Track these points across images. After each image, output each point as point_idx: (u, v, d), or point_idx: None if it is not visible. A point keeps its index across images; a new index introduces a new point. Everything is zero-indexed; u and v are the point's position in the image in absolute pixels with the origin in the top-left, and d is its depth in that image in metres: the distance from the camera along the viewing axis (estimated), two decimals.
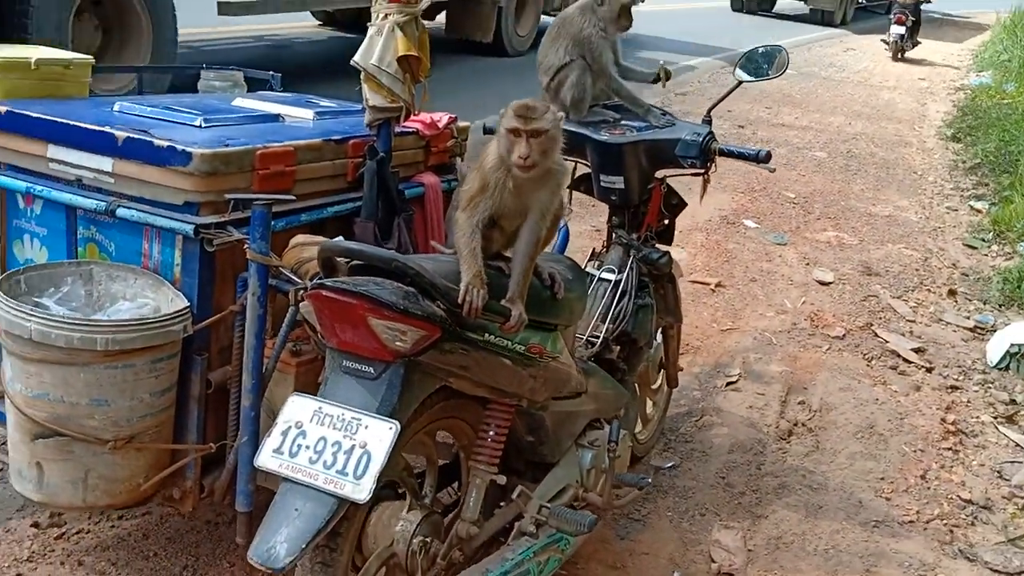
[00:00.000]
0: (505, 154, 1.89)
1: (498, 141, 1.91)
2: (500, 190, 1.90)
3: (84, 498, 2.03)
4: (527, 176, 1.90)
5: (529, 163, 1.88)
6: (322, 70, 8.04)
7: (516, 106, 1.90)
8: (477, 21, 10.20)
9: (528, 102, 1.90)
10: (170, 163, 2.03)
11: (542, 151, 1.89)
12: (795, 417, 3.61)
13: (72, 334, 1.90)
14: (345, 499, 1.72)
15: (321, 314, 1.81)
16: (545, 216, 1.96)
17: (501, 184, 1.90)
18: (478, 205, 1.91)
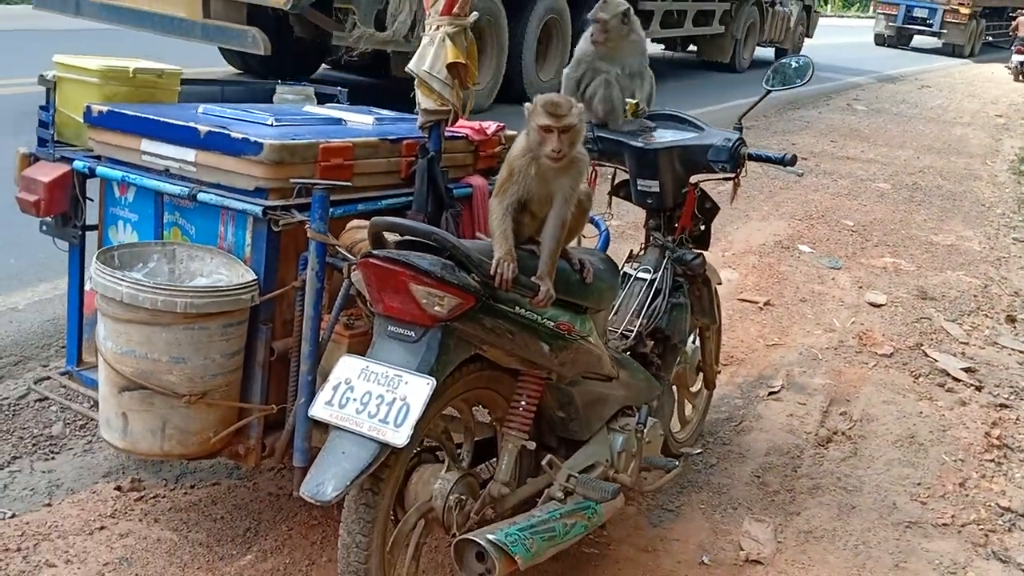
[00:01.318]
0: (536, 147, 2.12)
1: (527, 134, 2.14)
2: (525, 177, 2.12)
3: (161, 446, 2.29)
4: (557, 167, 2.12)
5: (560, 155, 2.11)
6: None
7: (546, 103, 2.11)
8: (720, 49, 14.63)
9: (555, 98, 2.12)
10: (244, 153, 2.30)
11: (570, 143, 2.12)
12: (835, 426, 3.71)
13: (156, 297, 2.17)
14: (386, 444, 1.94)
15: (369, 282, 2.04)
16: (569, 200, 2.17)
17: (525, 171, 2.12)
18: (507, 191, 2.13)
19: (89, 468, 3.03)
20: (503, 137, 3.05)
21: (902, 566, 2.87)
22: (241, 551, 2.67)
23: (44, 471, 3.00)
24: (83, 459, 3.08)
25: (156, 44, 6.96)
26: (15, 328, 3.79)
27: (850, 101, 13.69)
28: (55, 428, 3.23)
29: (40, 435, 3.18)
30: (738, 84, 12.83)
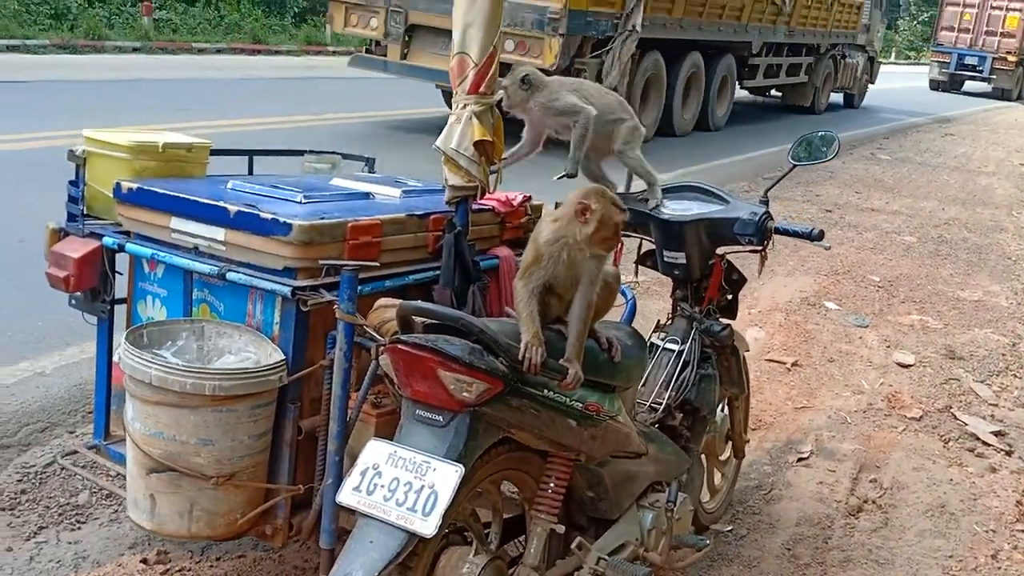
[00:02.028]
0: (606, 240, 2.13)
1: (562, 220, 2.13)
2: (555, 262, 2.12)
3: (189, 528, 2.28)
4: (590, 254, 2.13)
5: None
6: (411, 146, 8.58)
7: (614, 202, 2.15)
8: (802, 94, 17.10)
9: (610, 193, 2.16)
10: (273, 233, 2.32)
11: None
12: (865, 494, 3.65)
13: (185, 380, 2.18)
14: (414, 533, 1.92)
15: (397, 366, 2.04)
16: (595, 282, 2.17)
17: (556, 257, 2.12)
18: (533, 274, 2.13)
19: (115, 539, 3.03)
20: (529, 208, 3.06)
21: None
22: None
23: (70, 542, 3.00)
24: (109, 529, 3.08)
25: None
26: (42, 393, 3.81)
27: (874, 151, 13.69)
28: (81, 497, 3.23)
29: (66, 504, 3.19)
30: (817, 123, 14.29)
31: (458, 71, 2.54)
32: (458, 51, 2.50)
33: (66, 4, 16.94)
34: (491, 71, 2.53)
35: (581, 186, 2.21)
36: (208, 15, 19.30)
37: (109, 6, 17.78)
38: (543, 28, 8.97)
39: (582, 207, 2.10)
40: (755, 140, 12.46)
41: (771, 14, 13.29)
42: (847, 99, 19.55)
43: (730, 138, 12.89)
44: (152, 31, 17.07)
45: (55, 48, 15.01)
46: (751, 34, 13.05)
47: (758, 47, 13.72)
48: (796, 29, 14.47)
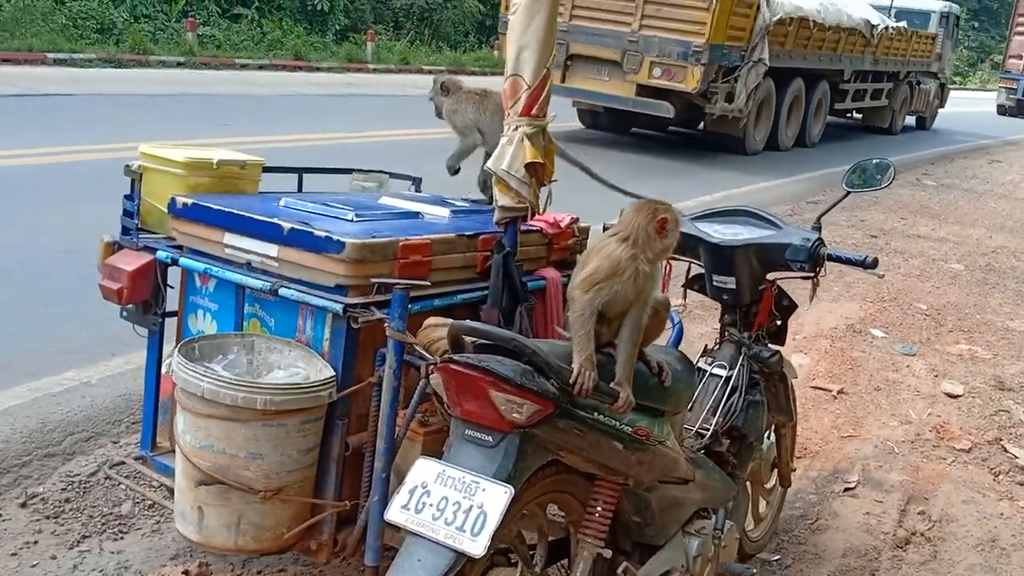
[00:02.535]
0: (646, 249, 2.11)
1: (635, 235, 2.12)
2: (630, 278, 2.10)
3: (236, 541, 2.29)
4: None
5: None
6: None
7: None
8: (880, 117, 18.76)
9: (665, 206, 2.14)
10: (326, 250, 2.33)
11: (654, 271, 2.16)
12: (913, 526, 3.58)
13: (237, 394, 2.19)
14: (463, 553, 1.91)
15: (448, 386, 2.03)
16: (647, 305, 2.15)
17: (632, 274, 2.10)
18: (601, 289, 2.10)
19: (157, 550, 3.04)
20: (576, 229, 3.05)
21: None
22: None
23: (113, 551, 3.02)
24: (151, 540, 3.10)
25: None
26: (88, 403, 3.85)
27: (919, 176, 13.53)
28: (124, 507, 3.26)
29: (109, 514, 3.21)
30: (894, 143, 17.34)
31: (511, 93, 2.55)
32: (512, 73, 2.52)
33: (112, 19, 17.32)
34: (543, 93, 2.54)
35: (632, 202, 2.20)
36: (251, 32, 19.63)
37: (154, 22, 18.17)
38: (687, 59, 10.91)
39: (662, 222, 2.09)
40: (843, 156, 12.80)
41: (860, 45, 14.95)
42: (919, 122, 21.10)
43: (823, 153, 14.41)
44: (196, 47, 17.39)
45: (101, 62, 15.31)
46: (843, 63, 14.78)
47: (848, 74, 15.41)
48: (880, 58, 16.06)
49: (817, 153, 14.42)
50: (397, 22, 24.08)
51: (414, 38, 23.49)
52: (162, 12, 18.38)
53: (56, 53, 14.80)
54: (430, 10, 24.38)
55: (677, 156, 12.44)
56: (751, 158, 12.83)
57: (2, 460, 3.38)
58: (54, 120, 9.91)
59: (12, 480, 3.31)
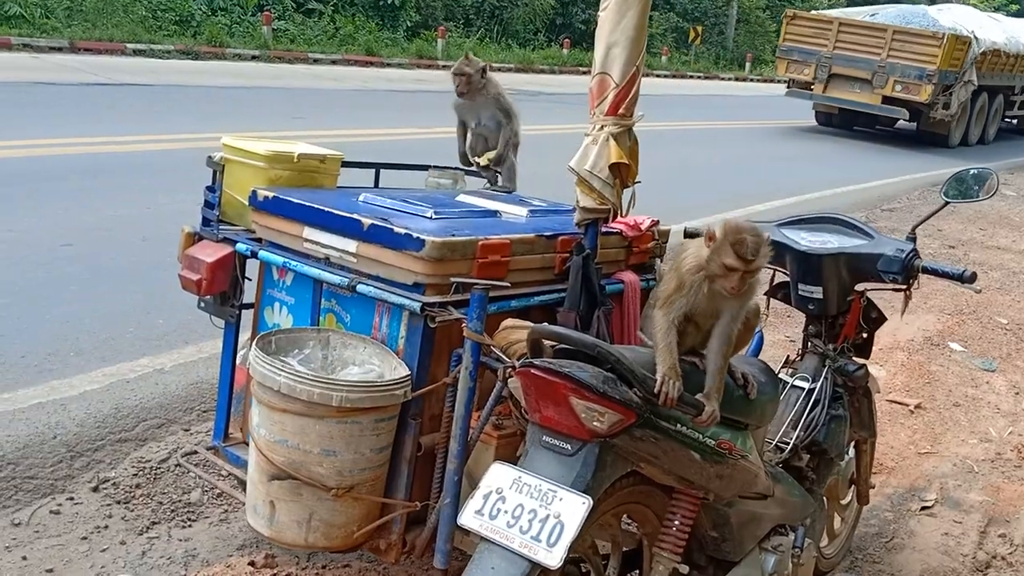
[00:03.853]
0: (716, 277, 2.00)
1: (708, 251, 2.03)
2: (696, 292, 2.03)
3: (306, 538, 2.27)
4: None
5: (738, 293, 2.01)
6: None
7: (736, 242, 1.96)
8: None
9: (746, 236, 1.96)
10: (406, 248, 2.30)
11: (752, 283, 2.03)
12: (995, 550, 3.44)
13: (313, 389, 2.17)
14: (537, 563, 1.86)
15: (527, 391, 1.99)
16: (736, 319, 2.07)
17: (697, 287, 2.03)
18: (674, 303, 2.04)
19: (224, 539, 3.06)
20: (656, 232, 2.98)
21: None
22: None
23: (181, 539, 3.04)
24: (219, 529, 3.12)
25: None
26: (160, 391, 3.90)
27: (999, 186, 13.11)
28: (193, 495, 3.29)
29: (179, 501, 3.24)
30: None
31: (598, 91, 2.49)
32: (599, 71, 2.46)
33: (190, 11, 17.65)
34: (632, 93, 2.47)
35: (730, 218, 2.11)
36: (324, 27, 19.89)
37: (231, 15, 18.48)
38: (922, 79, 15.11)
39: (735, 242, 1.96)
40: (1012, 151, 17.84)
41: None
42: None
43: (997, 149, 18.08)
44: (271, 40, 17.66)
45: (178, 53, 15.62)
46: (1015, 80, 18.41)
47: (1018, 89, 18.92)
48: None
49: (994, 148, 18.05)
50: (468, 19, 24.24)
51: (484, 35, 23.70)
52: (238, 5, 18.68)
53: (135, 44, 15.13)
54: (501, 7, 24.52)
55: (890, 144, 16.58)
56: (948, 149, 16.46)
57: (76, 444, 3.43)
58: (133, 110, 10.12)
59: (85, 464, 3.36)
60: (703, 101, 21.25)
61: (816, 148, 15.21)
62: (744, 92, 25.92)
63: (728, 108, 20.40)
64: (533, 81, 19.42)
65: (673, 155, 11.21)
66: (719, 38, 32.73)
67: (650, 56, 27.70)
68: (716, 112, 19.00)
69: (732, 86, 27.52)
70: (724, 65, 31.50)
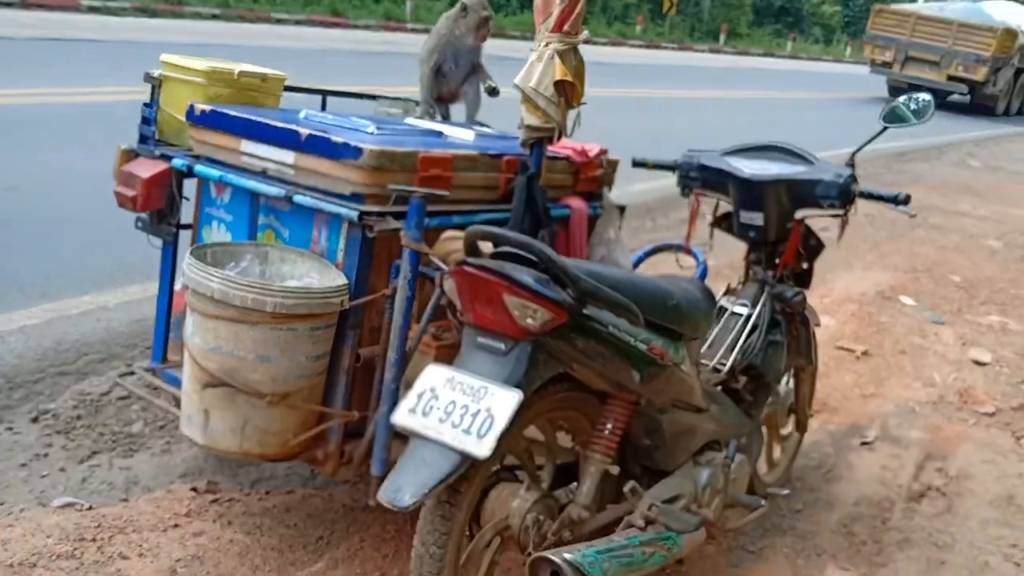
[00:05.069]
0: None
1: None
2: None
3: (240, 445, 2.26)
4: None
5: None
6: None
7: None
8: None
9: None
10: (343, 157, 2.29)
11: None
12: (929, 481, 3.52)
13: (247, 295, 2.16)
14: (468, 454, 1.87)
15: (462, 290, 1.99)
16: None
17: None
18: None
19: (166, 468, 3.05)
20: (605, 161, 2.98)
21: None
22: (312, 558, 2.63)
23: (122, 467, 3.03)
24: (161, 459, 3.10)
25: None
26: (103, 327, 3.86)
27: (964, 156, 13.28)
28: (135, 427, 3.26)
29: (120, 432, 3.22)
30: None
31: (543, 8, 2.47)
32: None
33: None
34: (577, 9, 2.46)
35: None
36: None
37: None
38: (979, 62, 18.81)
39: None
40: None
41: None
42: None
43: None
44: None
45: (135, 11, 15.34)
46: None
47: None
48: None
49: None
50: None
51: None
52: None
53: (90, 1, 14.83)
54: None
55: (950, 112, 18.60)
56: (995, 117, 19.84)
57: (15, 375, 3.39)
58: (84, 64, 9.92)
59: (24, 396, 3.32)
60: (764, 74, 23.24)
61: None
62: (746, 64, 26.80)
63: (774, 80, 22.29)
64: (504, 47, 19.26)
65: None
66: (694, 9, 32.90)
67: (625, 26, 28.03)
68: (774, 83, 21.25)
69: (711, 58, 27.57)
70: (699, 37, 31.54)
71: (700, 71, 21.93)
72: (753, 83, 19.34)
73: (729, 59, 28.10)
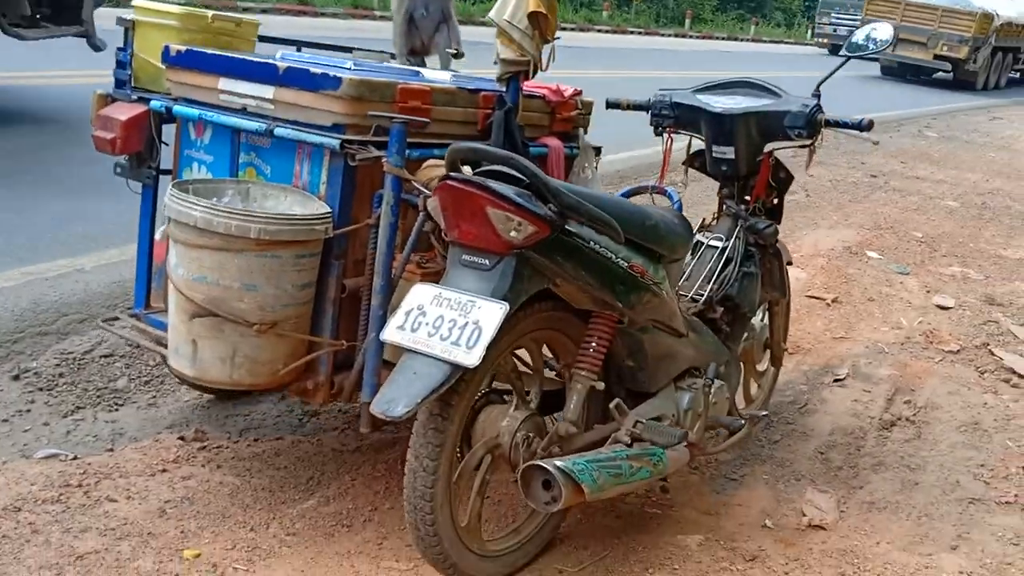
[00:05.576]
0: None
1: None
2: None
3: (231, 375, 2.29)
4: None
5: None
6: None
7: None
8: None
9: None
10: (323, 88, 2.30)
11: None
12: (899, 412, 3.63)
13: (230, 222, 2.18)
14: (458, 365, 1.92)
15: (446, 206, 2.03)
16: None
17: None
18: None
19: (153, 420, 3.06)
20: (580, 103, 3.02)
21: (965, 536, 2.80)
22: (303, 496, 2.67)
23: (107, 421, 3.03)
24: (147, 412, 3.12)
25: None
26: (82, 288, 3.84)
27: (921, 128, 13.48)
28: (120, 382, 3.27)
29: (104, 388, 3.22)
30: None
31: None
32: None
33: None
34: None
35: None
36: None
37: None
38: (961, 42, 20.42)
39: None
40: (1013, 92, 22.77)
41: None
42: None
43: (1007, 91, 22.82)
44: None
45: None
46: (1020, 42, 23.70)
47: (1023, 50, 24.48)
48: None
49: (1004, 91, 22.71)
50: None
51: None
52: None
53: None
54: None
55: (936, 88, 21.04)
56: (975, 91, 21.15)
57: None
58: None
59: (4, 355, 3.31)
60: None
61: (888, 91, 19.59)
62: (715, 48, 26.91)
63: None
64: (474, 33, 19.26)
65: None
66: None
67: (592, 12, 28.04)
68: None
69: (676, 42, 27.66)
70: (664, 23, 31.63)
71: (666, 53, 22.02)
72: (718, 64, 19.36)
73: (694, 43, 28.27)
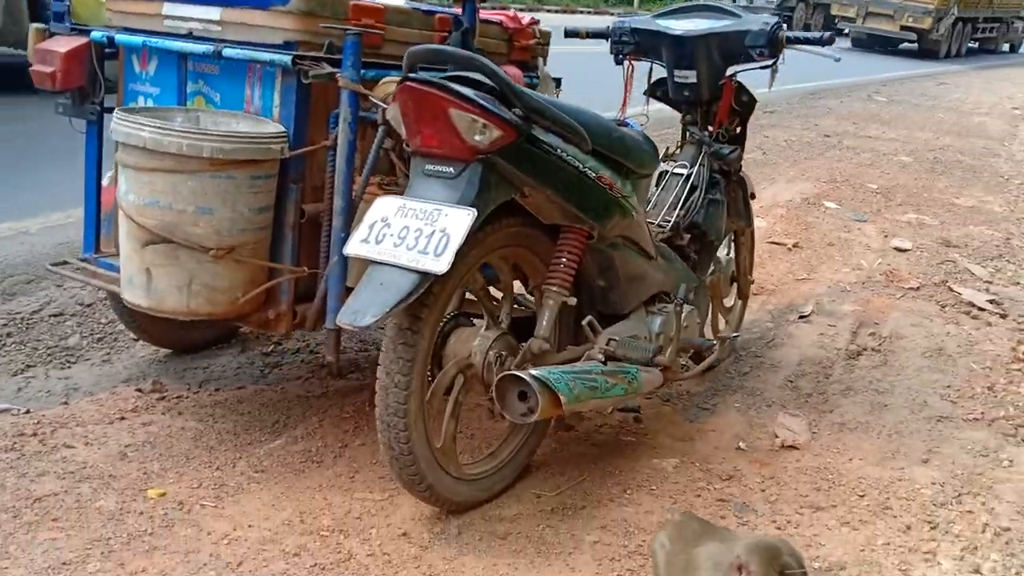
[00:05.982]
0: None
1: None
2: None
3: (188, 304, 2.19)
4: None
5: None
6: None
7: None
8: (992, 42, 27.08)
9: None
10: (272, 4, 2.22)
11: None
12: (865, 343, 3.63)
13: (182, 141, 2.08)
14: (426, 272, 1.85)
15: (406, 111, 1.95)
16: None
17: None
18: None
19: (108, 375, 2.96)
20: (538, 32, 2.96)
21: (935, 451, 2.81)
22: (271, 437, 2.60)
23: (60, 378, 2.93)
24: (101, 368, 3.02)
25: None
26: (27, 250, 3.73)
27: (871, 93, 13.62)
28: (71, 340, 3.17)
29: (55, 346, 3.12)
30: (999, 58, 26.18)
31: None
32: None
33: None
34: None
35: None
36: None
37: None
38: (925, 14, 21.35)
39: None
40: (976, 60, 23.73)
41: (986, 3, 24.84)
42: (1011, 47, 29.94)
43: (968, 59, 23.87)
44: None
45: None
46: (979, 12, 24.75)
47: (981, 20, 25.23)
48: (996, 10, 25.85)
49: (964, 59, 23.71)
50: None
51: None
52: None
53: None
54: None
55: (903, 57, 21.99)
56: (938, 60, 22.13)
57: None
58: None
59: None
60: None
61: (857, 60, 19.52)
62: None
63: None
64: None
65: None
66: None
67: None
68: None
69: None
70: (614, 3, 31.58)
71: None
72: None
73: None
